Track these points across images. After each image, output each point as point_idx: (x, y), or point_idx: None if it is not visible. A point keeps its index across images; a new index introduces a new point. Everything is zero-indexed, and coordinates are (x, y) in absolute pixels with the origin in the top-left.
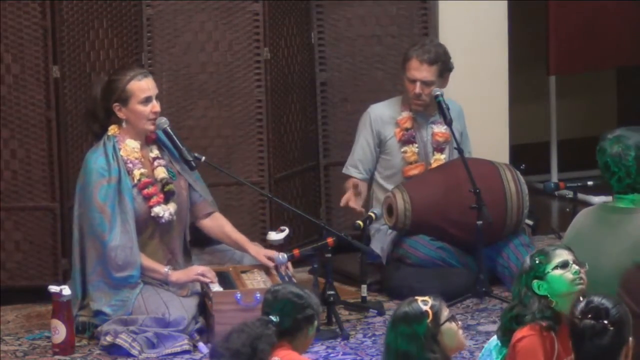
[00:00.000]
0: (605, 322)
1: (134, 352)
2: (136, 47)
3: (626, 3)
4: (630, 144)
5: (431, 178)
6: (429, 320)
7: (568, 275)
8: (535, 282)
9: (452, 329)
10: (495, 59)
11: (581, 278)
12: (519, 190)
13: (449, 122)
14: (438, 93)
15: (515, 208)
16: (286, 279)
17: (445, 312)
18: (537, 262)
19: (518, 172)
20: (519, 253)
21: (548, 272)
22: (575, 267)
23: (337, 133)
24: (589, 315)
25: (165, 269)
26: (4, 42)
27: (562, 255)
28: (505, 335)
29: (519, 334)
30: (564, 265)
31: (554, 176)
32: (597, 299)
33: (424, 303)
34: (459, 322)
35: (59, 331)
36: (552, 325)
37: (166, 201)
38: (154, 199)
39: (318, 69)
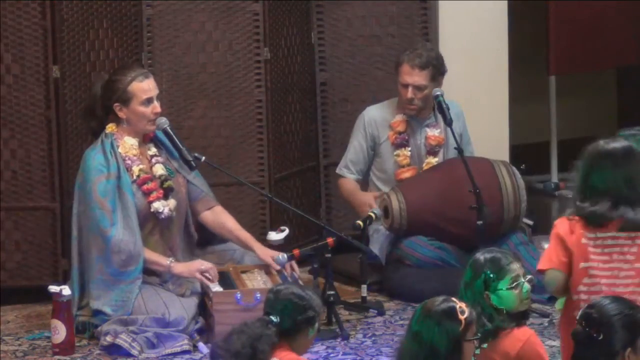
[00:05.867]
0: (592, 331)
1: (134, 352)
2: (136, 47)
3: (626, 3)
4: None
5: (427, 178)
6: (460, 329)
7: (519, 294)
8: (486, 294)
9: (471, 350)
10: (495, 59)
11: (529, 297)
12: (515, 185)
13: (448, 123)
14: (438, 93)
15: (512, 203)
16: (289, 279)
17: (473, 330)
18: (490, 276)
19: (513, 167)
20: (519, 252)
21: (501, 289)
22: (527, 286)
23: (337, 133)
24: (582, 322)
25: (167, 261)
26: (4, 42)
27: (514, 270)
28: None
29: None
30: (516, 283)
31: (554, 176)
32: (600, 304)
33: (461, 311)
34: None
35: (59, 331)
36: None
37: (165, 197)
38: (154, 195)
39: (318, 69)
